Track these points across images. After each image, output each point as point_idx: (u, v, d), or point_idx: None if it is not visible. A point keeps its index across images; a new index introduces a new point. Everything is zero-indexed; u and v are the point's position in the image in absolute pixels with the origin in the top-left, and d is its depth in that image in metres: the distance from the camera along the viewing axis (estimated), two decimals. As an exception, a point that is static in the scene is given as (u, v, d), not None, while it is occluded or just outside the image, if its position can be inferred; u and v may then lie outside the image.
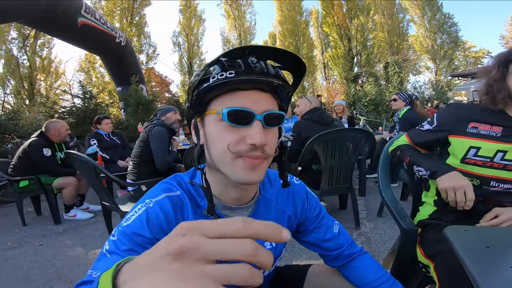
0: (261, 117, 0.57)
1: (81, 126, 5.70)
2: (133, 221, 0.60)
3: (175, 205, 0.65)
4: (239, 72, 0.55)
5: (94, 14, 5.99)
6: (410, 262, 1.06)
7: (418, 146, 1.22)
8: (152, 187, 0.70)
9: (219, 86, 0.56)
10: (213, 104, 0.59)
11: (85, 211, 3.41)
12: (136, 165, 2.60)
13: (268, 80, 0.57)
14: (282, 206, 0.79)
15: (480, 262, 0.62)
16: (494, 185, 1.04)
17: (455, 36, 19.24)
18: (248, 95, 0.57)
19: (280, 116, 0.62)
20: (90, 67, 15.26)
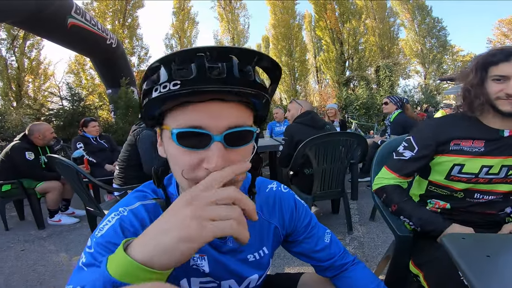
0: (220, 137, 0.46)
1: (68, 129, 5.56)
2: (106, 230, 0.56)
3: (150, 213, 0.61)
4: (187, 82, 0.43)
5: (85, 15, 5.87)
6: (404, 270, 1.02)
7: (406, 177, 1.13)
8: (126, 195, 0.65)
9: (164, 101, 0.45)
10: (167, 117, 0.49)
11: (70, 216, 3.32)
12: (123, 170, 2.51)
13: (227, 89, 0.44)
14: (267, 217, 0.73)
15: (482, 272, 0.58)
16: (478, 197, 1.04)
17: (444, 40, 19.68)
18: (204, 108, 0.45)
19: (248, 132, 0.49)
20: (80, 69, 15.02)
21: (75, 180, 2.15)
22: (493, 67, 0.98)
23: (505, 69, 0.95)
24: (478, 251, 0.68)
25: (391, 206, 1.10)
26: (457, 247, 0.69)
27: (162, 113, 0.49)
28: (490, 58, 0.99)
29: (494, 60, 0.97)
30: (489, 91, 0.99)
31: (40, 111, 6.30)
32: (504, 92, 0.95)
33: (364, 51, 17.74)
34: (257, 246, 0.71)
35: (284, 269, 2.05)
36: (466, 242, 0.73)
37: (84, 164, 3.37)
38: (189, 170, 0.48)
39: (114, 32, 12.66)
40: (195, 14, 20.08)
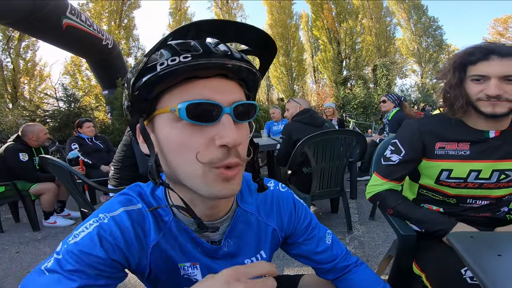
0: (230, 109, 0.46)
1: (64, 130, 5.50)
2: (82, 238, 0.50)
3: (135, 220, 0.55)
4: (197, 55, 0.43)
5: (80, 16, 5.81)
6: (408, 271, 0.99)
7: (397, 182, 1.10)
8: (109, 200, 0.59)
9: (171, 75, 0.44)
10: (163, 100, 0.47)
11: (65, 217, 3.28)
12: (118, 170, 2.47)
13: (235, 64, 0.45)
14: (264, 219, 0.69)
15: (494, 272, 0.55)
16: (471, 202, 1.00)
17: (440, 39, 19.75)
18: (209, 83, 0.46)
19: (253, 107, 0.50)
20: (76, 70, 14.89)
21: (68, 181, 2.11)
22: (471, 66, 0.92)
23: (484, 68, 0.89)
24: (489, 250, 0.64)
25: (387, 211, 1.07)
26: (465, 247, 0.66)
27: (158, 96, 0.47)
28: (468, 58, 0.92)
29: (472, 60, 0.91)
30: (469, 92, 0.93)
31: (35, 113, 6.23)
32: (484, 93, 0.89)
33: (361, 50, 17.76)
34: (255, 250, 0.67)
35: (283, 270, 2.01)
36: (475, 241, 0.69)
37: (79, 165, 3.32)
38: (205, 151, 0.45)
39: (110, 33, 12.58)
40: (192, 15, 19.98)
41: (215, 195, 0.48)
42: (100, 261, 0.49)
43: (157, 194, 0.61)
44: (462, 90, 0.95)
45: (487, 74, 0.88)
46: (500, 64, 0.86)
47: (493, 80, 0.87)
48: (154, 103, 0.48)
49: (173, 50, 0.45)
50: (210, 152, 0.45)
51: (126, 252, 0.53)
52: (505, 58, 0.86)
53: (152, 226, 0.56)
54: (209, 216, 0.59)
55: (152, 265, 0.57)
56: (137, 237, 0.55)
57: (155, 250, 0.57)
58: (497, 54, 0.87)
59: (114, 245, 0.51)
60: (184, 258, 0.60)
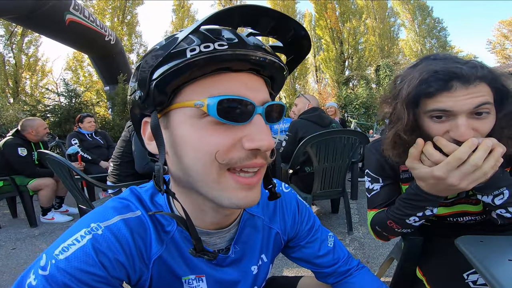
0: (262, 109, 0.42)
1: (64, 125, 5.48)
2: (74, 253, 0.43)
3: (134, 231, 0.49)
4: (233, 44, 0.39)
5: (83, 12, 5.79)
6: (412, 275, 0.96)
7: (384, 207, 0.95)
8: (102, 205, 0.52)
9: (203, 64, 0.38)
10: (185, 93, 0.41)
11: (63, 214, 3.27)
12: (117, 166, 2.45)
13: (270, 59, 0.41)
14: (268, 222, 0.65)
15: (506, 278, 0.52)
16: (452, 220, 0.92)
17: (444, 40, 19.60)
18: (241, 78, 0.41)
19: (282, 108, 0.46)
20: (78, 65, 14.88)
21: (66, 177, 2.09)
22: (427, 99, 0.71)
23: (447, 102, 0.68)
24: (499, 255, 0.62)
25: (389, 226, 0.90)
26: (475, 251, 0.63)
27: (177, 88, 0.41)
28: (424, 88, 0.70)
29: (430, 91, 0.69)
30: (428, 133, 0.74)
31: (36, 107, 6.22)
32: (451, 136, 0.69)
33: (364, 50, 17.67)
34: (258, 255, 0.64)
35: (282, 270, 1.99)
36: (485, 245, 0.66)
37: (78, 161, 3.31)
38: (224, 151, 0.40)
39: (113, 29, 12.54)
40: (195, 12, 19.93)
41: (236, 204, 0.43)
42: (98, 279, 0.43)
43: (157, 200, 0.54)
44: (423, 132, 0.75)
45: (451, 109, 0.68)
46: (466, 94, 0.66)
47: (461, 119, 0.68)
48: (170, 96, 0.42)
49: (205, 36, 0.39)
50: (231, 152, 0.41)
51: (127, 266, 0.47)
52: (470, 85, 0.67)
53: (154, 236, 0.51)
54: (218, 224, 0.55)
55: (153, 279, 0.52)
56: (138, 249, 0.49)
57: (157, 263, 0.51)
58: (460, 80, 0.67)
59: (114, 260, 0.45)
60: (189, 270, 0.55)
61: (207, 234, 0.54)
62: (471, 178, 0.65)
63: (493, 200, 0.74)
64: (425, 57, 0.79)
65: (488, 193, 0.74)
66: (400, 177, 0.93)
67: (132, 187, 0.57)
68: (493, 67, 0.71)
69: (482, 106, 0.67)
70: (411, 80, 0.73)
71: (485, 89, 0.68)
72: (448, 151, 0.67)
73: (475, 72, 0.67)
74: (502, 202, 0.73)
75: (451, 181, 0.66)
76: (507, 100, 0.71)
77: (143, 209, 0.52)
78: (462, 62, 0.70)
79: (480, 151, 0.63)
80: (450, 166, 0.65)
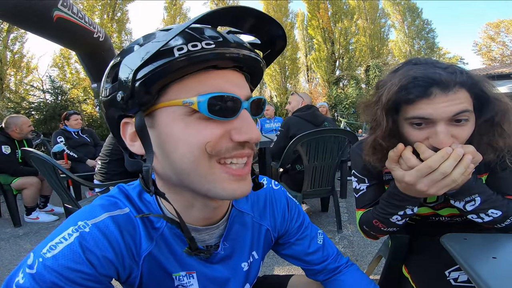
0: (247, 104, 0.44)
1: (50, 123, 5.34)
2: (61, 251, 0.43)
3: (123, 227, 0.48)
4: (219, 43, 0.40)
5: (72, 8, 5.64)
6: (399, 272, 0.97)
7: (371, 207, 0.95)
8: (89, 204, 0.52)
9: (191, 63, 0.39)
10: (171, 91, 0.41)
11: (49, 213, 3.19)
12: (105, 165, 2.40)
13: (252, 57, 0.44)
14: (258, 219, 0.66)
15: (490, 276, 0.53)
16: (435, 219, 0.95)
17: (432, 42, 19.98)
18: (226, 75, 0.43)
19: (263, 102, 0.49)
20: (65, 62, 14.55)
21: (51, 176, 2.03)
22: (407, 106, 0.71)
23: (427, 109, 0.67)
24: (483, 252, 0.63)
25: (376, 225, 0.90)
26: (459, 249, 0.64)
27: (164, 87, 0.42)
28: (403, 95, 0.70)
29: (410, 98, 0.69)
30: (407, 139, 0.74)
31: (20, 105, 6.04)
32: (430, 143, 0.70)
33: (354, 51, 17.88)
34: (248, 252, 0.64)
35: (273, 269, 1.99)
36: (469, 243, 0.67)
37: (64, 159, 3.23)
38: (214, 143, 0.42)
39: (102, 26, 12.29)
40: (187, 10, 19.71)
41: (233, 194, 0.45)
42: (86, 277, 0.43)
43: (146, 197, 0.55)
44: (403, 138, 0.75)
45: (431, 117, 0.68)
46: (446, 101, 0.66)
47: (440, 126, 0.67)
48: (156, 95, 0.42)
49: (190, 35, 0.40)
50: (220, 143, 0.42)
51: (116, 263, 0.47)
52: (449, 92, 0.66)
53: (143, 233, 0.51)
54: (208, 219, 0.56)
55: (144, 276, 0.52)
56: (127, 246, 0.49)
57: (148, 260, 0.52)
58: (439, 86, 0.66)
59: (102, 257, 0.45)
60: (179, 267, 0.55)
61: (196, 230, 0.55)
62: (440, 185, 0.67)
63: (465, 206, 0.76)
64: (407, 61, 0.79)
65: (460, 199, 0.76)
66: (383, 178, 0.94)
67: (120, 184, 0.58)
68: (473, 73, 0.71)
69: (461, 113, 0.67)
70: (391, 86, 0.72)
71: (464, 96, 0.68)
72: (424, 158, 0.68)
73: (454, 78, 0.66)
74: (473, 208, 0.75)
75: (419, 187, 0.68)
76: (486, 106, 0.71)
77: (132, 207, 0.52)
78: (442, 67, 0.70)
79: (451, 159, 0.65)
80: (420, 173, 0.67)
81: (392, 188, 0.80)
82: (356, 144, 1.01)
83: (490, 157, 0.73)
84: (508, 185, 0.78)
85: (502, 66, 18.26)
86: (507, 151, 0.73)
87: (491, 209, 0.74)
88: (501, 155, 0.74)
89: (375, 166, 0.84)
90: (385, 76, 0.81)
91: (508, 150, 0.73)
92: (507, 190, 0.78)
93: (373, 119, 0.79)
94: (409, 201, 0.78)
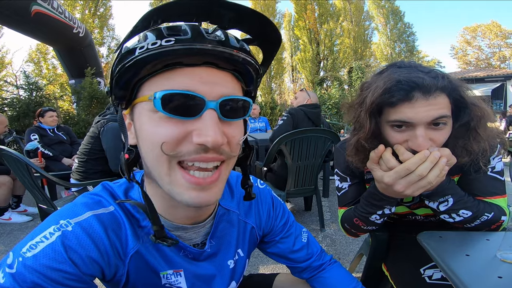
0: (215, 104, 0.40)
1: (23, 119, 5.08)
2: (42, 250, 0.42)
3: (107, 226, 0.47)
4: (181, 40, 0.38)
5: (52, 3, 5.44)
6: (380, 270, 0.99)
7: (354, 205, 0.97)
8: (72, 202, 0.50)
9: (150, 60, 0.39)
10: (144, 87, 0.42)
11: (21, 214, 3.05)
12: (83, 163, 2.30)
13: (226, 51, 0.40)
14: (243, 217, 0.66)
15: (465, 272, 0.55)
16: (411, 218, 0.98)
17: (412, 45, 20.70)
18: (196, 73, 0.40)
19: (245, 103, 0.45)
20: (42, 58, 13.94)
21: (25, 175, 1.93)
22: (389, 108, 0.73)
23: (408, 113, 0.70)
24: (457, 249, 0.65)
25: (356, 223, 0.91)
26: (436, 247, 0.66)
27: (138, 83, 0.42)
28: (387, 98, 0.71)
29: (392, 101, 0.71)
30: (388, 140, 0.76)
31: (-9, 101, 5.71)
32: (409, 146, 0.72)
33: (338, 52, 18.22)
34: (234, 249, 0.65)
35: (258, 268, 1.99)
36: (444, 241, 0.70)
37: (38, 158, 3.08)
38: (172, 144, 0.40)
39: (83, 21, 11.89)
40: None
41: (187, 202, 0.43)
42: (68, 276, 0.42)
43: (132, 195, 0.54)
44: (384, 139, 0.77)
45: (411, 121, 0.70)
46: (426, 105, 0.69)
47: (419, 130, 0.70)
48: (134, 90, 0.43)
49: (159, 33, 0.40)
50: (180, 145, 0.41)
51: (101, 263, 0.47)
52: (430, 96, 0.69)
53: (129, 232, 0.50)
54: (193, 218, 0.55)
55: (130, 275, 0.51)
56: (112, 245, 0.48)
57: (135, 259, 0.51)
58: (421, 90, 0.69)
59: (86, 257, 0.44)
60: (166, 265, 0.55)
61: (183, 229, 0.54)
62: (416, 186, 0.69)
63: (438, 207, 0.79)
64: (391, 64, 0.82)
65: (434, 199, 0.79)
66: (364, 178, 0.96)
67: (104, 182, 0.56)
68: (453, 77, 0.74)
69: (439, 118, 0.70)
70: (375, 89, 0.73)
71: (444, 101, 0.70)
72: (403, 160, 0.70)
73: (436, 83, 0.69)
74: (446, 208, 0.78)
75: (397, 188, 0.70)
76: (463, 111, 0.74)
77: (117, 205, 0.51)
78: (424, 71, 0.72)
79: (427, 162, 0.67)
80: (398, 174, 0.70)
81: (372, 188, 0.82)
82: (339, 144, 1.02)
83: (465, 159, 0.76)
84: (479, 187, 0.82)
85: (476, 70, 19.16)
86: (481, 154, 0.76)
87: (462, 209, 0.77)
88: (475, 158, 0.77)
89: (357, 166, 0.86)
90: (370, 78, 0.83)
91: (482, 153, 0.76)
92: (478, 192, 0.82)
93: (357, 120, 0.80)
94: (387, 201, 0.80)
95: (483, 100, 0.77)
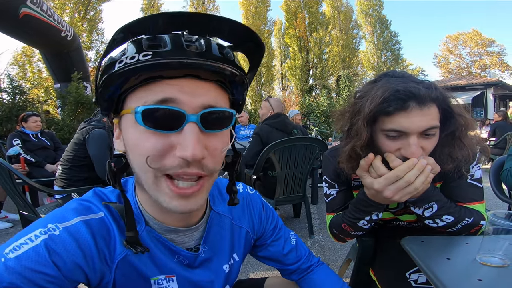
0: (196, 117, 0.40)
1: (5, 124, 4.91)
2: (25, 252, 0.41)
3: (95, 232, 0.47)
4: (159, 53, 0.38)
5: (41, 5, 5.36)
6: (367, 275, 1.01)
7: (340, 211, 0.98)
8: (62, 207, 0.50)
9: (128, 75, 0.39)
10: (129, 100, 0.43)
11: (2, 220, 2.97)
12: (67, 170, 2.24)
13: (206, 64, 0.39)
14: (237, 221, 0.67)
15: (446, 275, 0.57)
16: (395, 223, 1.02)
17: (397, 54, 21.28)
18: (176, 84, 0.40)
19: (228, 114, 0.45)
20: (27, 61, 13.62)
21: (6, 181, 1.86)
22: (385, 117, 0.75)
23: (403, 123, 0.72)
24: (439, 254, 0.67)
25: (345, 229, 0.93)
26: (419, 251, 0.68)
27: (122, 95, 0.43)
28: (384, 107, 0.73)
29: (389, 110, 0.72)
30: (382, 149, 0.78)
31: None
32: (401, 154, 0.75)
33: (327, 60, 18.56)
34: (229, 254, 0.65)
35: (248, 274, 1.98)
36: (426, 245, 0.72)
37: (20, 163, 2.99)
38: (156, 157, 0.41)
39: (72, 24, 11.69)
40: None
41: (172, 210, 0.44)
42: (49, 279, 0.41)
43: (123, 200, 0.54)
44: (377, 147, 0.79)
45: (406, 130, 0.72)
46: (420, 115, 0.71)
47: (413, 139, 0.73)
48: (120, 103, 0.44)
49: (138, 46, 0.40)
50: (164, 159, 0.41)
51: (85, 268, 0.46)
52: (424, 107, 0.71)
53: (118, 238, 0.50)
54: (184, 221, 0.55)
55: (117, 281, 0.51)
56: (99, 251, 0.48)
57: (122, 264, 0.50)
58: (417, 100, 0.71)
59: (70, 262, 0.44)
60: (158, 271, 0.54)
61: (175, 232, 0.55)
62: (403, 192, 0.72)
63: (423, 213, 0.82)
64: (384, 73, 0.85)
65: (420, 206, 0.81)
66: (351, 184, 0.98)
67: (96, 188, 0.56)
68: (441, 87, 0.78)
69: (431, 129, 0.73)
70: (373, 98, 0.75)
71: (435, 112, 0.74)
72: (393, 166, 0.74)
73: (430, 93, 0.72)
74: (431, 214, 0.81)
75: (386, 193, 0.73)
76: (449, 121, 0.78)
77: (107, 211, 0.51)
78: (417, 81, 0.76)
79: (415, 169, 0.71)
80: (387, 181, 0.73)
81: (361, 194, 0.84)
82: (328, 151, 1.04)
83: (450, 166, 0.80)
84: (460, 194, 0.86)
85: (458, 78, 19.82)
86: (463, 161, 0.80)
87: (446, 215, 0.80)
88: (458, 165, 0.80)
89: (348, 173, 0.88)
90: (363, 87, 0.85)
91: (465, 160, 0.80)
92: (458, 198, 0.85)
93: (352, 129, 0.81)
94: (375, 207, 0.83)
95: (465, 109, 0.80)
